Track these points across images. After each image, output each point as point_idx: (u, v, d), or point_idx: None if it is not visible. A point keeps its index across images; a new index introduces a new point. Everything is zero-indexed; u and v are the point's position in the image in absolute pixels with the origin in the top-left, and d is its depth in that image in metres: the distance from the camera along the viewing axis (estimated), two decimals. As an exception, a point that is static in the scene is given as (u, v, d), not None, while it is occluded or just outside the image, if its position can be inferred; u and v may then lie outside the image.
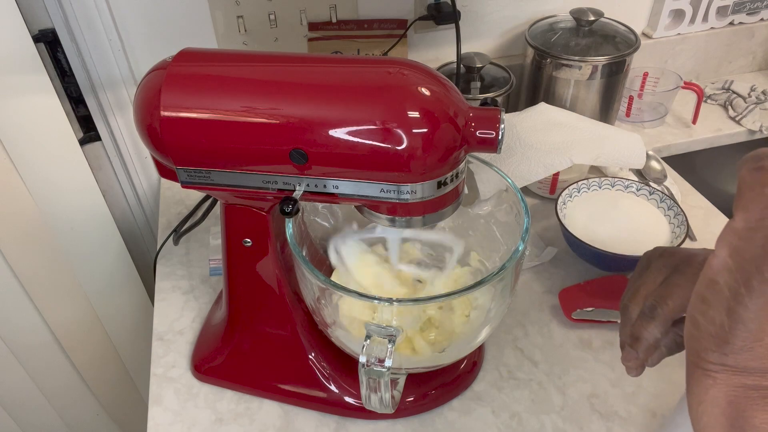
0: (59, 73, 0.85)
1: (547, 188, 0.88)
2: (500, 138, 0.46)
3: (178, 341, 0.71)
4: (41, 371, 0.96)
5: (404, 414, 0.63)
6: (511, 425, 0.62)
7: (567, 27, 0.96)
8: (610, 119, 1.00)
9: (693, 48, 1.14)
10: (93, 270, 0.96)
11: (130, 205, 1.00)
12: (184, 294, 0.77)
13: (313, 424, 0.63)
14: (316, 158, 0.46)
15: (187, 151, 0.48)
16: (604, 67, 0.92)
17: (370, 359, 0.47)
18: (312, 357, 0.63)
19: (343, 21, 0.93)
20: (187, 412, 0.64)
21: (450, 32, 0.99)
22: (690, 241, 0.82)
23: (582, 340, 0.70)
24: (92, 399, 1.06)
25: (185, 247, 0.84)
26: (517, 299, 0.75)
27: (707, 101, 1.14)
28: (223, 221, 0.57)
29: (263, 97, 0.46)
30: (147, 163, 0.96)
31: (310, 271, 0.50)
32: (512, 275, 0.53)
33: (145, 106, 0.48)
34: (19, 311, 0.88)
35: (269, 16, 0.89)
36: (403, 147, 0.44)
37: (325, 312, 0.55)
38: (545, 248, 0.81)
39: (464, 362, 0.66)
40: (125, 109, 0.90)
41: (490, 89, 0.94)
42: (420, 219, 0.49)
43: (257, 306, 0.62)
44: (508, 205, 0.58)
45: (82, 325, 0.97)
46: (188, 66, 0.48)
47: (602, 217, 0.78)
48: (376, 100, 0.44)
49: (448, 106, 0.45)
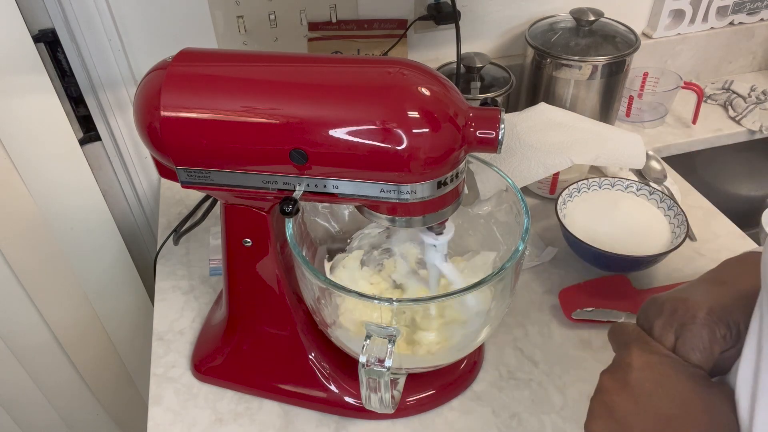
0: (59, 73, 0.85)
1: (547, 188, 0.88)
2: (500, 138, 0.46)
3: (178, 341, 0.71)
4: (41, 371, 0.96)
5: (404, 414, 0.63)
6: (511, 425, 0.62)
7: (567, 27, 0.96)
8: (610, 119, 1.00)
9: (693, 48, 1.14)
10: (93, 270, 0.96)
11: (130, 205, 1.00)
12: (184, 294, 0.77)
13: (313, 424, 0.63)
14: (316, 158, 0.46)
15: (187, 151, 0.48)
16: (604, 67, 0.91)
17: (370, 359, 0.47)
18: (312, 357, 0.63)
19: (343, 21, 0.93)
20: (187, 412, 0.64)
21: (450, 32, 0.99)
22: (690, 241, 0.82)
23: (582, 340, 0.70)
24: (92, 399, 1.06)
25: (185, 247, 0.84)
26: (517, 299, 0.75)
27: (707, 101, 1.14)
28: (223, 221, 0.57)
29: (263, 97, 0.46)
30: (147, 163, 0.96)
31: (310, 271, 0.50)
32: (512, 275, 0.53)
33: (145, 106, 0.48)
34: (19, 311, 0.88)
35: (269, 16, 0.89)
36: (403, 147, 0.44)
37: (325, 312, 0.55)
38: (545, 248, 0.81)
39: (464, 362, 0.66)
40: (125, 109, 0.90)
41: (490, 89, 0.94)
42: (420, 219, 0.49)
43: (257, 306, 0.62)
44: (508, 205, 0.58)
45: (82, 324, 0.97)
46: (188, 66, 0.48)
47: (602, 217, 0.78)
48: (376, 100, 0.44)
49: (448, 106, 0.45)
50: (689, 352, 0.40)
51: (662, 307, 0.43)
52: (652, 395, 0.38)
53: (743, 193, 1.22)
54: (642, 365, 0.39)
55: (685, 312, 0.41)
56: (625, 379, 0.39)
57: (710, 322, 0.40)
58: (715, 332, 0.40)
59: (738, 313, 0.41)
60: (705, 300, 0.42)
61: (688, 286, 0.45)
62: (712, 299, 0.42)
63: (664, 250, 0.71)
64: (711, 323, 0.40)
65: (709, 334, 0.40)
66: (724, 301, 0.41)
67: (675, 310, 0.42)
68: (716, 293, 0.42)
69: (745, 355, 0.36)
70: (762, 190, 1.21)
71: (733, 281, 0.44)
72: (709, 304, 0.41)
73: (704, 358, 0.40)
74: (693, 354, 0.40)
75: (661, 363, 0.39)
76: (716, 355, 0.40)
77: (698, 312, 0.41)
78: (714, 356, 0.40)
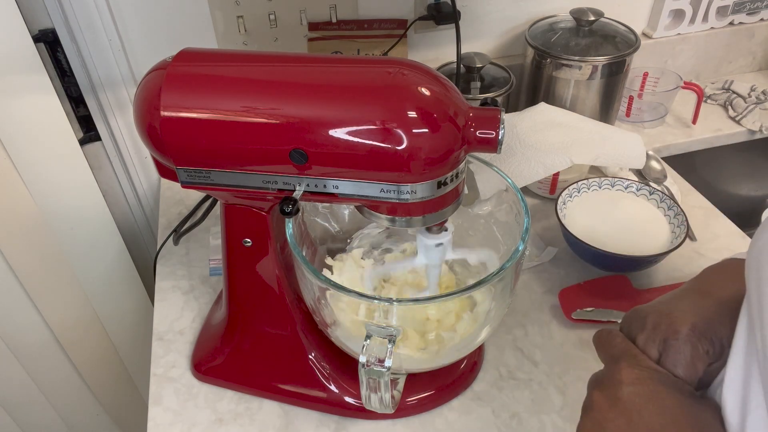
0: (59, 73, 0.85)
1: (547, 188, 0.88)
2: (500, 138, 0.45)
3: (178, 341, 0.71)
4: (41, 371, 0.96)
5: (404, 414, 0.63)
6: (511, 425, 0.62)
7: (567, 27, 0.96)
8: (610, 119, 1.00)
9: (693, 48, 1.14)
10: (93, 270, 0.96)
11: (130, 205, 1.00)
12: (184, 294, 0.77)
13: (313, 424, 0.63)
14: (316, 158, 0.46)
15: (187, 151, 0.48)
16: (604, 67, 0.92)
17: (370, 359, 0.47)
18: (312, 357, 0.63)
19: (343, 21, 0.93)
20: (187, 412, 0.64)
21: (450, 32, 0.99)
22: (690, 241, 0.82)
23: (582, 340, 0.70)
24: (92, 399, 1.06)
25: (185, 247, 0.84)
26: (517, 299, 0.75)
27: (707, 101, 1.14)
28: (223, 221, 0.57)
29: (263, 97, 0.46)
30: (147, 163, 0.96)
31: (310, 271, 0.50)
32: (512, 275, 0.53)
33: (145, 106, 0.48)
34: (19, 311, 0.88)
35: (269, 16, 0.89)
36: (403, 147, 0.44)
37: (325, 312, 0.55)
38: (545, 248, 0.81)
39: (464, 362, 0.66)
40: (125, 109, 0.90)
41: (490, 89, 0.94)
42: (420, 219, 0.49)
43: (257, 306, 0.62)
44: (508, 205, 0.58)
45: (82, 324, 0.97)
46: (188, 66, 0.48)
47: (602, 217, 0.78)
48: (376, 100, 0.44)
49: (448, 106, 0.45)
50: (672, 368, 0.40)
51: (645, 321, 0.43)
52: (642, 411, 0.38)
53: (743, 193, 1.22)
54: (632, 381, 0.39)
55: (668, 327, 0.41)
56: (616, 395, 0.39)
57: (693, 339, 0.40)
58: (698, 348, 0.40)
59: (721, 328, 0.41)
60: (688, 315, 0.42)
61: (671, 298, 0.45)
62: (696, 314, 0.42)
63: (664, 250, 0.71)
64: (694, 339, 0.40)
65: (692, 351, 0.40)
66: (708, 315, 0.41)
67: (658, 325, 0.42)
68: (700, 306, 0.42)
69: (732, 361, 0.36)
70: (762, 190, 1.21)
71: (716, 291, 0.43)
72: (693, 320, 0.41)
73: (687, 374, 0.40)
74: (676, 370, 0.40)
75: (651, 378, 0.39)
76: (700, 371, 0.40)
77: (681, 327, 0.41)
78: (698, 372, 0.40)
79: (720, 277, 0.46)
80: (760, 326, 0.32)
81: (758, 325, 0.32)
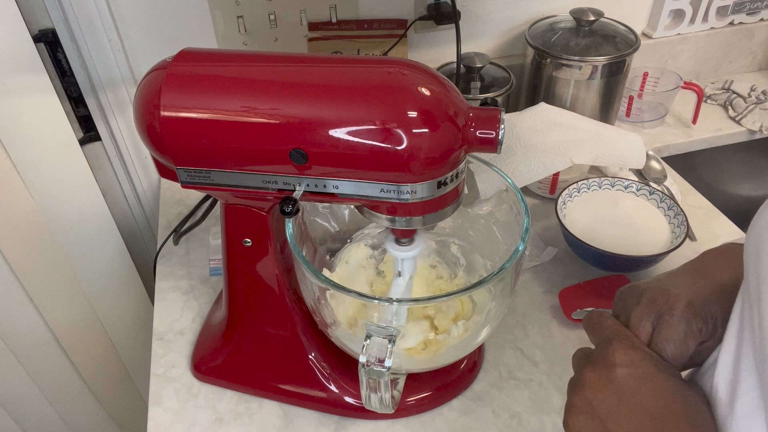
0: (59, 73, 0.85)
1: (547, 188, 0.88)
2: (500, 138, 0.45)
3: (178, 341, 0.71)
4: (41, 371, 0.96)
5: (404, 414, 0.63)
6: (511, 425, 0.62)
7: (567, 27, 0.96)
8: (610, 119, 1.00)
9: (693, 48, 1.14)
10: (93, 270, 0.96)
11: (130, 205, 1.00)
12: (184, 294, 0.77)
13: (313, 424, 0.63)
14: (316, 158, 0.46)
15: (187, 151, 0.48)
16: (604, 67, 0.91)
17: (370, 359, 0.47)
18: (312, 357, 0.63)
19: (343, 21, 0.93)
20: (187, 412, 0.64)
21: (450, 32, 0.99)
22: (690, 241, 0.82)
23: (582, 340, 0.70)
24: (92, 399, 1.06)
25: (185, 247, 0.84)
26: (517, 299, 0.75)
27: (707, 101, 1.14)
28: (223, 221, 0.57)
29: (263, 97, 0.46)
30: (147, 163, 0.96)
31: (310, 271, 0.50)
32: (512, 275, 0.53)
33: (145, 106, 0.48)
34: (19, 311, 0.88)
35: (269, 16, 0.89)
36: (403, 147, 0.44)
37: (325, 312, 0.55)
38: (545, 248, 0.81)
39: (464, 362, 0.66)
40: (125, 109, 0.90)
41: (490, 89, 0.94)
42: (420, 219, 0.49)
43: (257, 306, 0.62)
44: (508, 205, 0.58)
45: (82, 324, 0.97)
46: (188, 66, 0.48)
47: (602, 217, 0.78)
48: (376, 100, 0.44)
49: (448, 106, 0.45)
50: (664, 343, 0.40)
51: (641, 296, 0.43)
52: (636, 393, 0.38)
53: (743, 193, 1.22)
54: (626, 362, 0.39)
55: (665, 303, 0.42)
56: (609, 375, 0.39)
57: (688, 315, 0.41)
58: (692, 326, 0.40)
59: (716, 307, 0.41)
60: (685, 292, 0.42)
61: (668, 276, 0.45)
62: (692, 292, 0.42)
63: (664, 250, 0.71)
64: (689, 316, 0.41)
65: (686, 328, 0.40)
66: (704, 294, 0.42)
67: (654, 300, 0.42)
68: (696, 286, 0.43)
69: (726, 342, 0.37)
70: (762, 190, 1.21)
71: (713, 274, 0.44)
72: (689, 297, 0.41)
73: (678, 351, 0.40)
74: (667, 345, 0.40)
75: (644, 360, 0.39)
76: (691, 349, 0.40)
77: (677, 304, 0.41)
78: (688, 350, 0.40)
79: (718, 260, 0.46)
80: (757, 304, 0.32)
81: (755, 304, 0.33)
